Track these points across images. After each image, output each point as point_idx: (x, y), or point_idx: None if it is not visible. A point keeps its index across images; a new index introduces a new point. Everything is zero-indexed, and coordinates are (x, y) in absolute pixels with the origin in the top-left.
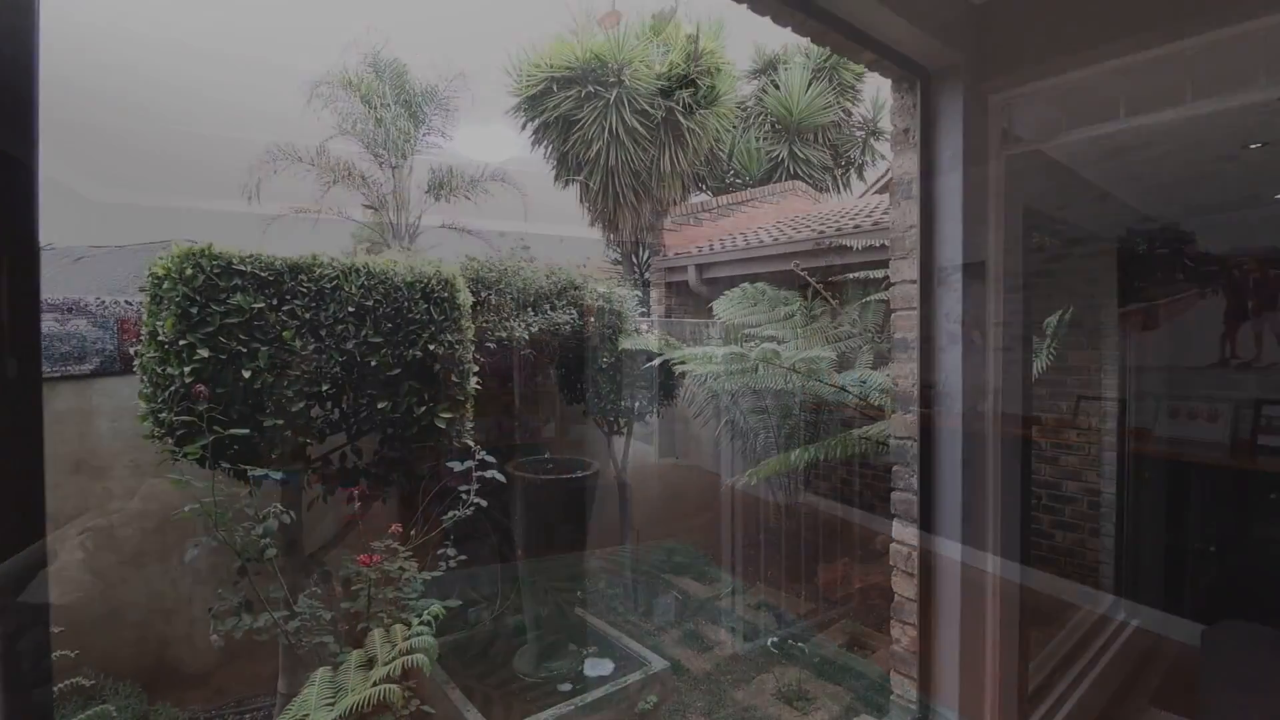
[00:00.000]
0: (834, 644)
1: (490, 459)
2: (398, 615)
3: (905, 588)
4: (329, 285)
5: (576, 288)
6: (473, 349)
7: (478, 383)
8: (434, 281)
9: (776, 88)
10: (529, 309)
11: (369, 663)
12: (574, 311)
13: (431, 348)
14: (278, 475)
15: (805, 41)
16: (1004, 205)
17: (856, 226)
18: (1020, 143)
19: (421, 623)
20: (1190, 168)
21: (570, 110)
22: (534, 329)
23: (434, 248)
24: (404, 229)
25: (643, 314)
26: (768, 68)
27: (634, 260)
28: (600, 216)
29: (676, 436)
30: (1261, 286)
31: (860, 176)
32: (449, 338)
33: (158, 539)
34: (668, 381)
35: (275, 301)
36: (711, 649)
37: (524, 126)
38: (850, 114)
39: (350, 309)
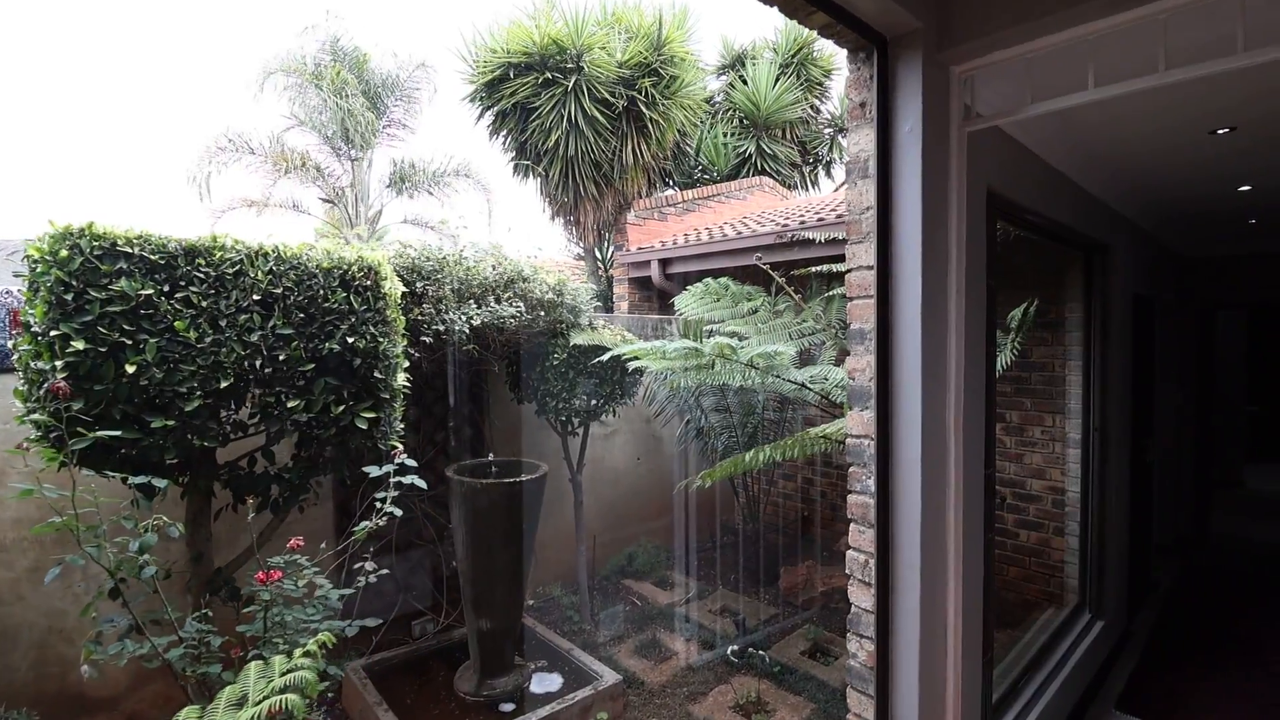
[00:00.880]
0: (796, 650)
1: (411, 463)
2: (296, 640)
3: (862, 598)
4: (230, 270)
5: (525, 280)
6: (404, 343)
7: (408, 380)
8: (355, 268)
9: (744, 82)
10: (471, 301)
11: (241, 701)
12: (522, 305)
13: (351, 340)
14: (162, 483)
15: (774, 36)
16: (967, 187)
17: (820, 219)
18: (982, 119)
19: (305, 652)
20: (1157, 157)
21: (528, 98)
22: (476, 322)
23: (395, 245)
24: (364, 223)
25: (597, 307)
26: (735, 63)
27: (597, 256)
28: (561, 210)
29: (638, 437)
30: None
31: (829, 174)
32: (372, 330)
33: (60, 553)
34: (625, 379)
35: (167, 288)
36: (669, 659)
37: (481, 115)
38: (818, 111)
39: (256, 297)
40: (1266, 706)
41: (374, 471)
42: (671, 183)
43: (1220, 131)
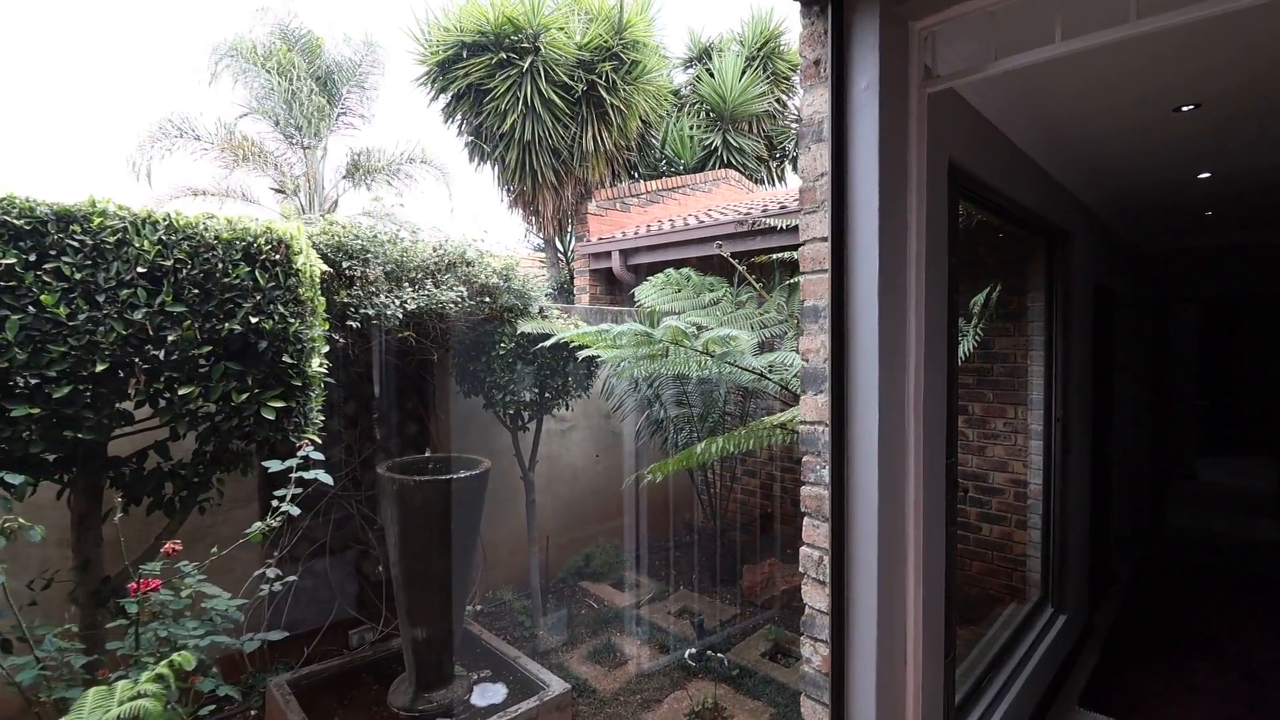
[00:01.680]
0: (756, 652)
1: (318, 456)
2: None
3: (817, 598)
4: (111, 239)
5: (469, 263)
6: (325, 327)
7: (327, 367)
8: (262, 241)
9: (711, 75)
10: (407, 284)
11: None
12: (464, 290)
13: (255, 321)
14: (17, 479)
15: (740, 28)
16: (927, 155)
17: (783, 207)
18: (943, 79)
19: (154, 676)
20: (1120, 137)
21: (482, 79)
22: (411, 307)
23: (321, 222)
24: (319, 214)
25: (557, 298)
26: (702, 55)
27: (558, 247)
28: (519, 198)
29: (597, 433)
30: None
31: (795, 169)
32: (281, 310)
33: None
34: (580, 371)
35: (34, 258)
36: (623, 664)
37: (435, 97)
38: (785, 105)
39: (141, 270)
40: (1228, 699)
41: (274, 466)
42: (636, 175)
43: (1185, 108)
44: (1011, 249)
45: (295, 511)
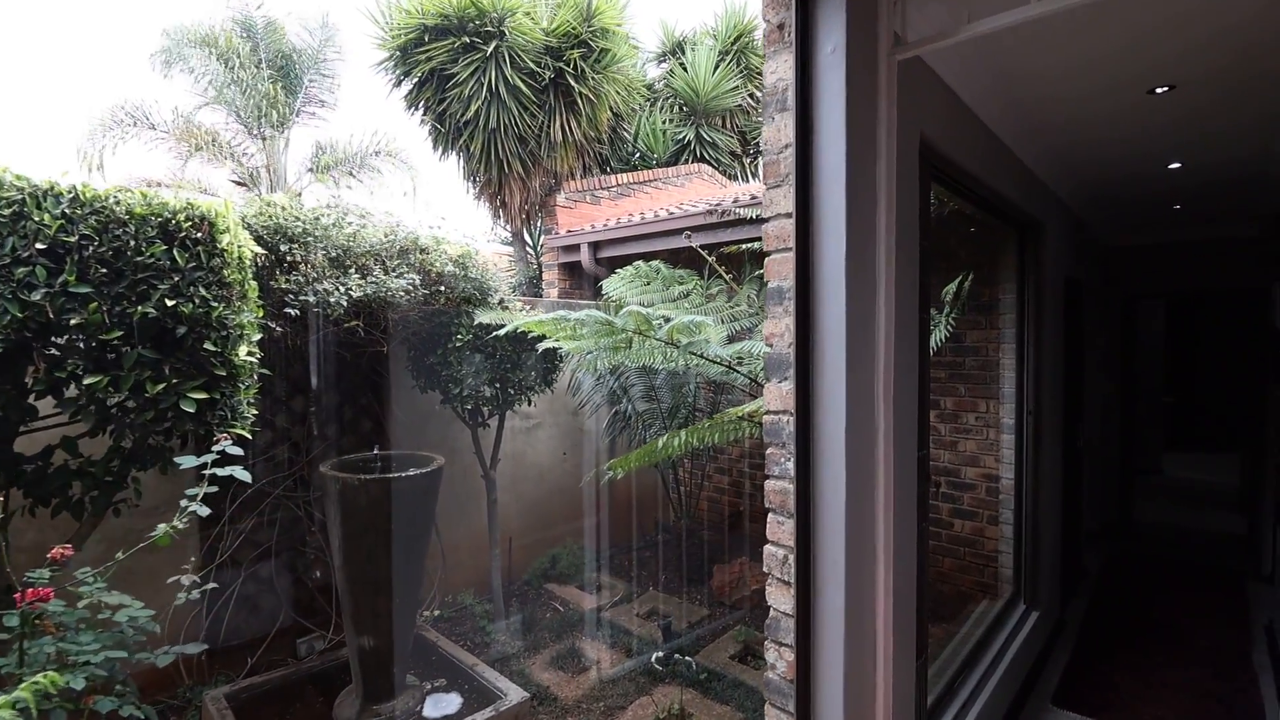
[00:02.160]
0: (726, 654)
1: (236, 450)
2: (76, 676)
3: (781, 600)
4: (6, 212)
5: (423, 250)
6: (255, 313)
7: (259, 356)
8: (181, 218)
9: (684, 69)
10: (354, 271)
11: None
12: (418, 278)
13: (173, 304)
14: None
15: (714, 22)
16: (898, 129)
17: (754, 199)
18: (913, 45)
19: (8, 703)
20: (1094, 124)
21: (445, 64)
22: (357, 294)
23: (258, 202)
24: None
25: (518, 289)
26: (676, 49)
27: (526, 240)
28: (485, 189)
29: (564, 431)
30: None
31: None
32: (203, 293)
33: None
34: (542, 364)
35: None
36: (587, 670)
37: (397, 83)
38: (758, 101)
39: (40, 246)
40: (1200, 695)
41: (186, 463)
42: (609, 169)
43: (1160, 90)
44: (984, 240)
45: (204, 511)
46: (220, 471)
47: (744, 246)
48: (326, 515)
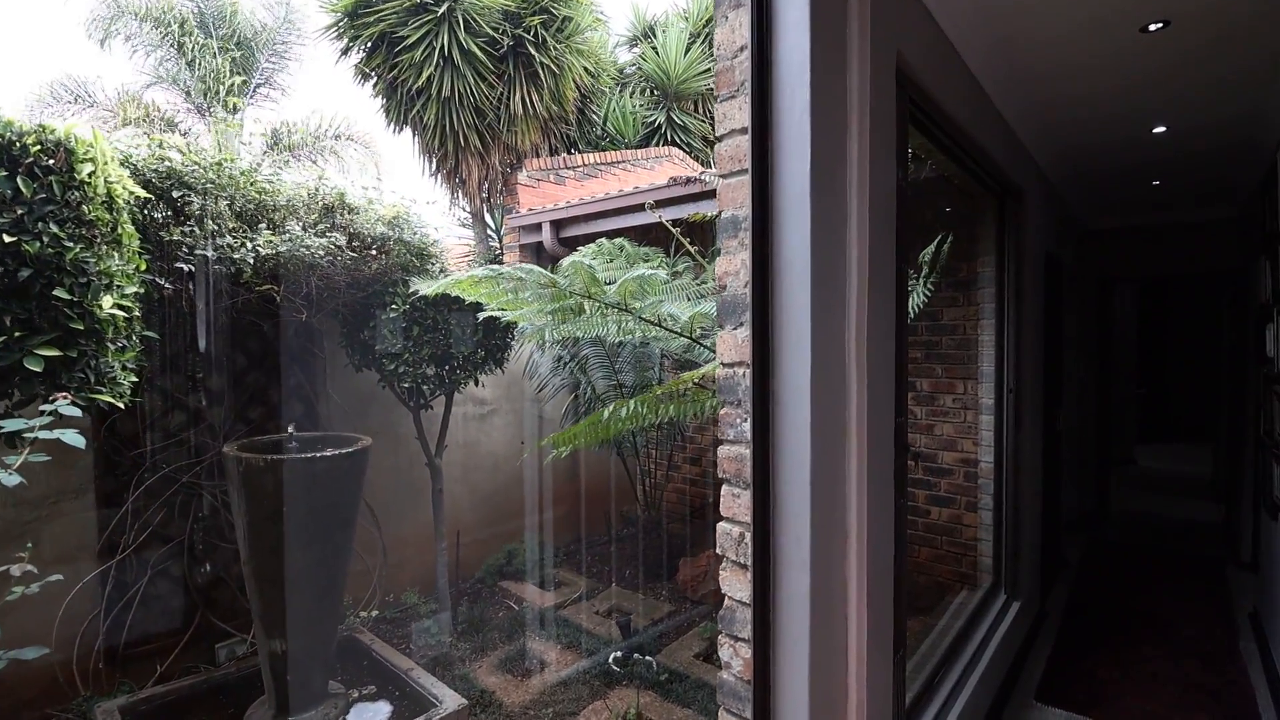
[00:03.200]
0: (689, 653)
1: (71, 412)
2: None
3: (737, 587)
4: None
5: (351, 209)
6: (136, 264)
7: (137, 313)
8: (30, 141)
9: (655, 52)
10: (265, 227)
11: None
12: (343, 239)
13: (11, 241)
14: None
15: (685, 3)
16: (870, 39)
17: None
18: None
19: None
20: (1080, 70)
21: (394, 26)
22: (264, 251)
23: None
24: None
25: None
26: (647, 33)
27: (487, 221)
28: (441, 164)
29: (522, 417)
30: None
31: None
32: (55, 230)
33: None
34: (492, 340)
35: None
36: (538, 673)
37: (346, 51)
38: None
39: None
40: (1189, 687)
41: (9, 426)
42: (576, 151)
43: (1153, 27)
44: (962, 209)
45: (10, 481)
46: (45, 435)
47: (711, 215)
48: (231, 502)
